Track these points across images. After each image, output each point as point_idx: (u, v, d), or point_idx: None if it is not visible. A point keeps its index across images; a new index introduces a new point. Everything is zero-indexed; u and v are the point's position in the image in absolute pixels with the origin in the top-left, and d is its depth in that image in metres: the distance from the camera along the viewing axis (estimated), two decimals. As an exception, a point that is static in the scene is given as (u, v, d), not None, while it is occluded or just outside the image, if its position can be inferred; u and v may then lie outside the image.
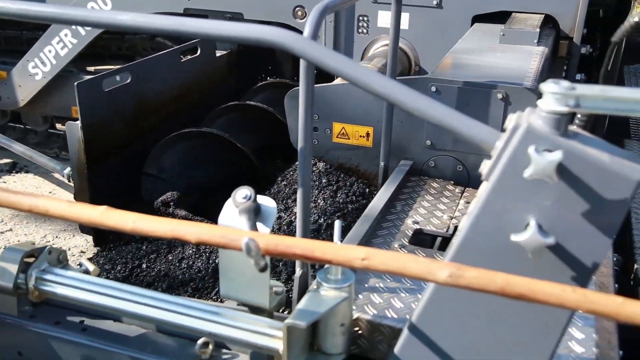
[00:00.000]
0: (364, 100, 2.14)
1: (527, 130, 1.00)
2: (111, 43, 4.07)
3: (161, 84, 2.87)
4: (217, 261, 1.91)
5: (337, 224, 1.32)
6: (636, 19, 1.07)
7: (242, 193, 1.22)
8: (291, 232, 2.14)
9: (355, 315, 1.44)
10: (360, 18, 3.09)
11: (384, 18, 3.02)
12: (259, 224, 1.24)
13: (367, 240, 1.72)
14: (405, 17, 2.98)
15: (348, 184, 2.21)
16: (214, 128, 2.87)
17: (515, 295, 0.95)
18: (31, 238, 3.58)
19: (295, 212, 2.15)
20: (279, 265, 1.94)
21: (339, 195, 2.15)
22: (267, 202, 1.26)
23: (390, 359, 1.25)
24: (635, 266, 2.16)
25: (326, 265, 1.30)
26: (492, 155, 1.05)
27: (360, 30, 3.11)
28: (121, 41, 4.07)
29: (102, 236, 2.54)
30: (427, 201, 1.96)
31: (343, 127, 2.21)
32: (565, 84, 0.99)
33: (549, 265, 1.06)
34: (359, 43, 3.13)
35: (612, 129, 3.41)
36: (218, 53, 3.43)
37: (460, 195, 2.01)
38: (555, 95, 0.98)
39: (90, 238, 2.96)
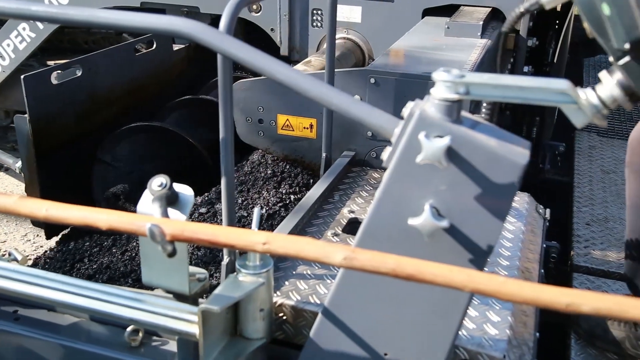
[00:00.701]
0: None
1: (419, 117, 1.04)
2: (77, 37, 4.06)
3: (114, 77, 2.88)
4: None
5: (256, 212, 1.35)
6: (520, 9, 1.10)
7: (158, 181, 1.24)
8: (260, 222, 2.15)
9: (280, 301, 1.47)
10: (315, 12, 3.12)
11: (338, 11, 3.05)
12: (176, 212, 1.26)
13: (301, 229, 1.75)
14: (357, 11, 3.02)
15: (293, 175, 2.24)
16: (168, 122, 2.88)
17: (406, 276, 0.99)
18: (11, 237, 3.57)
19: (244, 203, 2.18)
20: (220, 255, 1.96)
21: (282, 186, 2.18)
22: (184, 190, 1.28)
23: (307, 343, 1.29)
24: (572, 253, 2.22)
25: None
26: (392, 142, 1.09)
27: (314, 24, 3.14)
28: (88, 35, 4.07)
29: (54, 229, 2.55)
30: (366, 191, 2.00)
31: (287, 119, 2.24)
32: (455, 72, 1.03)
33: (447, 248, 1.10)
34: (313, 36, 3.16)
35: (562, 119, 3.48)
36: (176, 47, 3.44)
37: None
38: (446, 83, 1.02)
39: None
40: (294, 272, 1.57)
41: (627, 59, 0.93)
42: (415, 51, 2.29)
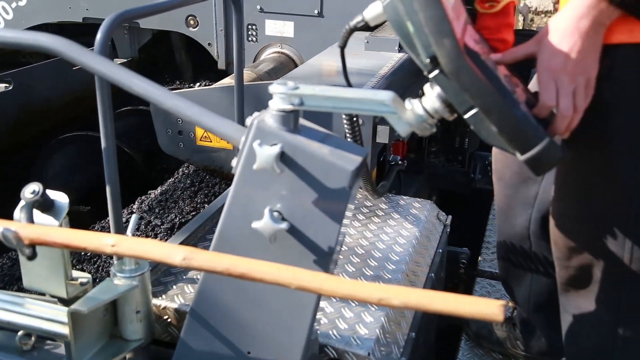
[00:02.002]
0: (221, 103, 2.24)
1: (255, 127, 1.11)
2: (16, 52, 4.10)
3: (49, 91, 2.93)
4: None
5: (133, 218, 1.41)
6: (353, 23, 1.18)
7: (31, 189, 1.30)
8: (172, 231, 2.20)
9: (164, 304, 1.53)
10: (249, 27, 3.20)
11: (272, 26, 3.14)
12: (49, 217, 1.32)
13: (201, 236, 1.81)
14: (290, 26, 3.10)
15: (210, 185, 2.31)
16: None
17: (239, 274, 1.06)
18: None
19: (160, 212, 2.24)
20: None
21: (198, 195, 2.25)
22: (60, 197, 1.34)
23: (178, 344, 1.35)
24: (479, 258, 2.30)
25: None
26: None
27: (250, 39, 3.22)
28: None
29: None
30: (274, 199, 2.06)
31: (205, 130, 2.30)
32: (290, 84, 1.10)
33: (291, 250, 1.16)
34: (249, 50, 3.24)
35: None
36: (119, 61, 3.51)
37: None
38: (281, 95, 1.10)
39: None
40: (184, 277, 1.63)
41: (435, 72, 1.00)
42: (332, 64, 2.38)
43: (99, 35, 1.40)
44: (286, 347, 1.26)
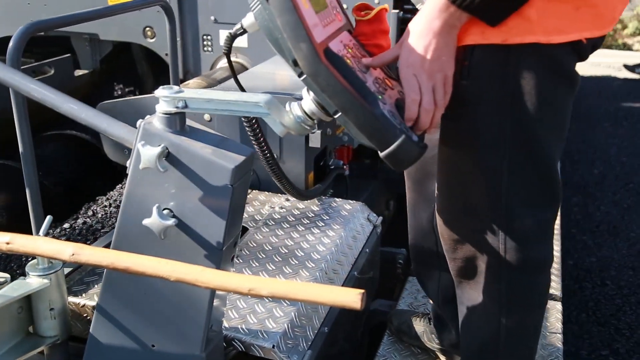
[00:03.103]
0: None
1: (142, 129, 1.17)
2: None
3: (7, 102, 2.98)
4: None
5: (47, 219, 1.47)
6: (233, 30, 1.25)
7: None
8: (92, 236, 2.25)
9: (83, 302, 1.59)
10: (204, 37, 3.27)
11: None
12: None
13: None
14: (245, 36, 3.17)
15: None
16: (48, 150, 2.99)
17: (123, 268, 1.12)
18: None
19: (102, 217, 2.30)
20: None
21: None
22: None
23: (88, 339, 1.40)
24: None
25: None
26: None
27: (205, 49, 3.29)
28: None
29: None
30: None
31: (148, 138, 2.37)
32: (175, 88, 1.17)
33: (182, 245, 1.23)
34: (205, 60, 3.31)
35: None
36: (79, 72, 3.57)
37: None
38: (165, 98, 1.16)
39: None
40: (106, 277, 1.69)
41: (304, 75, 1.07)
42: (270, 73, 2.46)
43: (10, 44, 1.46)
44: (187, 338, 1.32)
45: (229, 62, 1.35)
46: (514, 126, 1.18)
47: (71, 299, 1.61)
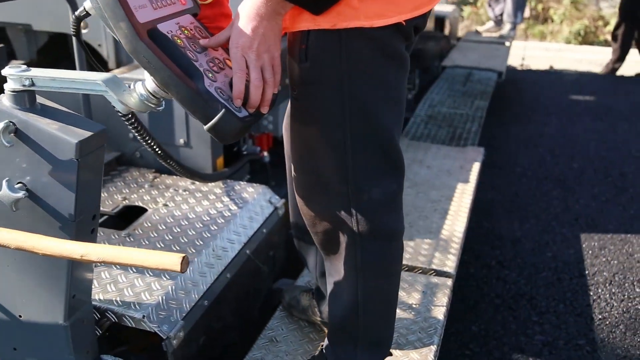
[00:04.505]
0: (65, 99, 2.35)
1: (-10, 106, 1.24)
2: None
3: None
4: None
5: None
6: (77, 12, 1.30)
7: None
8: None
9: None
10: (135, 27, 3.32)
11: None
12: None
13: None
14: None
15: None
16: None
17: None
18: None
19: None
20: None
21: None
22: None
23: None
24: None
25: None
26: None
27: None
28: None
29: None
30: (115, 186, 2.19)
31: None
32: (22, 67, 1.23)
33: (36, 218, 1.29)
34: (137, 51, 3.36)
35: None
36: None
37: (151, 180, 2.25)
38: (12, 77, 1.23)
39: None
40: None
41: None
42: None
43: None
44: (50, 308, 1.38)
45: (80, 43, 1.42)
46: (352, 104, 1.26)
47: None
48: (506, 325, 2.61)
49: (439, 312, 1.99)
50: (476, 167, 3.17)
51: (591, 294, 2.83)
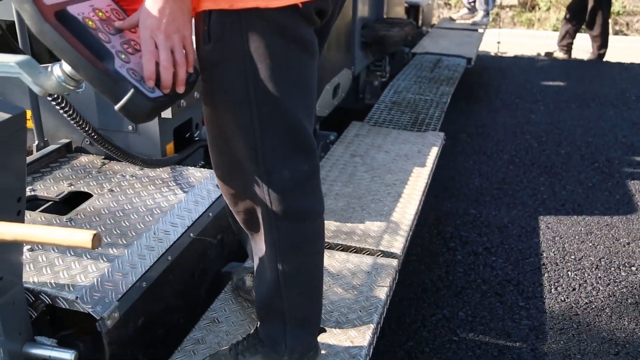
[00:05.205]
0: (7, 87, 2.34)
1: None
2: None
3: None
4: None
5: None
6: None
7: None
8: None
9: None
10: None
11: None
12: None
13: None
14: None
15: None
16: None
17: None
18: None
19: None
20: None
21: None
22: None
23: None
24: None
25: None
26: None
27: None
28: None
29: None
30: (62, 173, 2.21)
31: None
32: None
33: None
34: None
35: (340, 112, 3.78)
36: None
37: (99, 167, 2.27)
38: None
39: None
40: None
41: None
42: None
43: None
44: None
45: (-2, 27, 1.43)
46: (256, 85, 1.28)
47: None
48: (493, 311, 2.65)
49: (382, 291, 2.03)
50: (434, 151, 3.21)
51: (578, 278, 2.88)
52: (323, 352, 1.74)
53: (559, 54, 7.30)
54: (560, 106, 5.41)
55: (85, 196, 2.07)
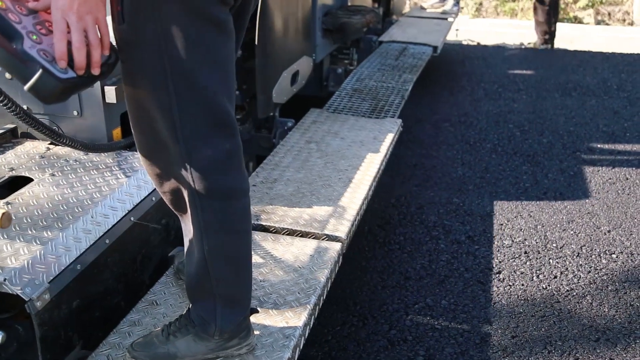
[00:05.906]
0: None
1: None
2: None
3: None
4: None
5: None
6: None
7: None
8: None
9: None
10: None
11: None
12: None
13: None
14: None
15: None
16: None
17: None
18: None
19: None
20: None
21: None
22: None
23: None
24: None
25: None
26: None
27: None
28: None
29: None
30: (5, 158, 2.20)
31: None
32: None
33: None
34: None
35: (298, 101, 3.80)
36: None
37: (43, 152, 2.26)
38: None
39: None
40: None
41: None
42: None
43: None
44: None
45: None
46: (172, 65, 1.29)
47: None
48: (475, 299, 2.68)
49: (322, 274, 2.05)
50: (389, 137, 3.24)
51: (559, 266, 2.92)
52: (257, 332, 1.76)
53: (539, 44, 7.36)
54: (543, 95, 5.47)
55: (27, 181, 2.07)
